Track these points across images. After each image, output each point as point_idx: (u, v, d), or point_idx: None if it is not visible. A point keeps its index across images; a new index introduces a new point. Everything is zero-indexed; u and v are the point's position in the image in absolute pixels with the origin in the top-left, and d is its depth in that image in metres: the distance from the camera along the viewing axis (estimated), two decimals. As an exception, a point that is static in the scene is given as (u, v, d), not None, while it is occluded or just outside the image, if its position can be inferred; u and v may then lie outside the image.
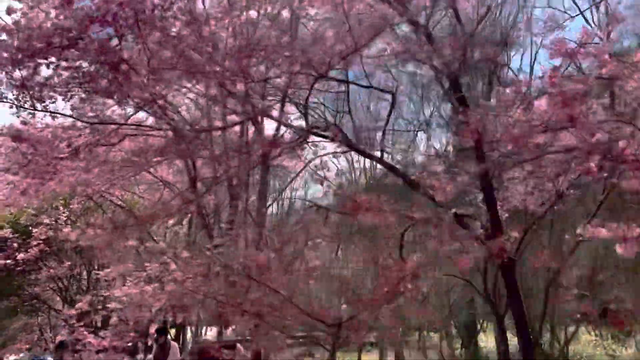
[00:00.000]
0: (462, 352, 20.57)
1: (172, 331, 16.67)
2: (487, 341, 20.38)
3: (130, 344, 12.58)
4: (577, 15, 9.47)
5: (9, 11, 5.93)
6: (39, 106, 5.64)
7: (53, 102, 5.66)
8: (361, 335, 3.86)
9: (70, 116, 6.04)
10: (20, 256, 14.43)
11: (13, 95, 5.53)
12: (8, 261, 14.71)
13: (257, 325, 3.75)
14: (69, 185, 8.44)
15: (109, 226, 10.55)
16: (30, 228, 14.83)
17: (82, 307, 11.90)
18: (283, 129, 10.56)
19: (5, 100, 5.53)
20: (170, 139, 7.29)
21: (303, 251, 4.77)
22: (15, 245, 14.91)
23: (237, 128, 11.16)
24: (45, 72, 6.22)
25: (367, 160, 16.38)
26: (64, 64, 5.95)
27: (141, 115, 10.25)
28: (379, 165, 17.83)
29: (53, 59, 5.88)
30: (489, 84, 7.36)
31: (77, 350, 12.05)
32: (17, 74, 5.56)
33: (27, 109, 5.60)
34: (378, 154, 7.57)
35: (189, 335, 21.08)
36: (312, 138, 7.98)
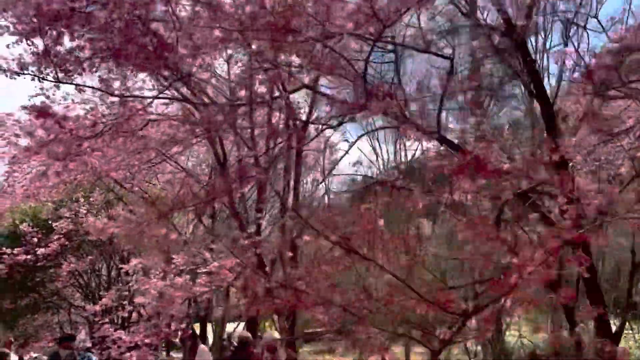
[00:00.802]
0: (487, 346, 19.71)
1: (197, 326, 16.19)
2: (511, 335, 19.48)
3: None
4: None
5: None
6: (62, 77, 5.02)
7: (79, 74, 5.04)
8: (489, 329, 3.21)
9: (98, 89, 5.42)
10: (41, 251, 13.97)
11: (35, 66, 4.91)
12: (28, 256, 14.28)
13: (358, 320, 3.08)
14: (91, 170, 7.88)
15: (135, 217, 10.05)
16: (50, 222, 14.35)
17: (106, 303, 11.41)
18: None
19: (27, 72, 4.92)
20: (201, 116, 6.67)
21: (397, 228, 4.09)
22: (35, 240, 14.46)
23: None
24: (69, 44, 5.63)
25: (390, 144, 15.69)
26: (87, 36, 5.35)
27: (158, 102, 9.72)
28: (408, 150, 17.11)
29: (77, 27, 5.26)
30: (565, 40, 6.58)
31: (106, 347, 11.57)
32: (38, 42, 4.95)
33: (50, 80, 4.99)
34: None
35: (209, 331, 20.60)
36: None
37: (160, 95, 5.73)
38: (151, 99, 5.94)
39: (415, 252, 3.18)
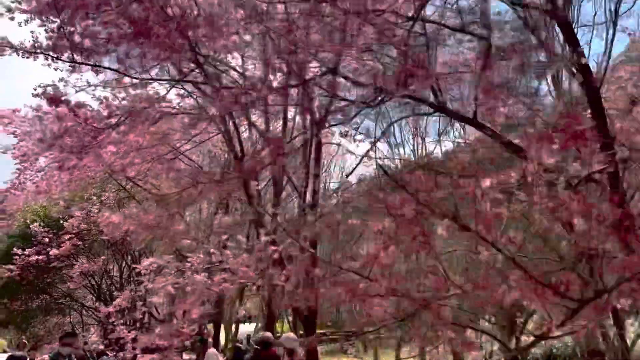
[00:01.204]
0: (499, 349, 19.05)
1: (210, 326, 15.87)
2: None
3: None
4: None
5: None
6: (78, 58, 4.68)
7: (95, 56, 4.68)
8: (599, 319, 2.80)
9: (116, 70, 5.07)
10: (53, 252, 13.70)
11: (49, 46, 4.57)
12: (39, 257, 14.04)
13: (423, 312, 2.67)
14: (106, 164, 7.56)
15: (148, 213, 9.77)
16: (62, 221, 14.09)
17: (120, 304, 11.11)
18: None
19: (40, 52, 4.58)
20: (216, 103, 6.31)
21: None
22: (46, 240, 14.21)
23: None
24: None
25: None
26: (103, 18, 5.02)
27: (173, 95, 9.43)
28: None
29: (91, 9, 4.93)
30: (614, 16, 6.09)
31: (119, 349, 11.26)
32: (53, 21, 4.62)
33: (65, 61, 4.64)
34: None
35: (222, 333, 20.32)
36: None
37: (181, 79, 5.36)
38: (172, 82, 5.51)
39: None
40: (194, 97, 9.70)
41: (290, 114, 11.50)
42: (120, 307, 11.70)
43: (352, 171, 10.47)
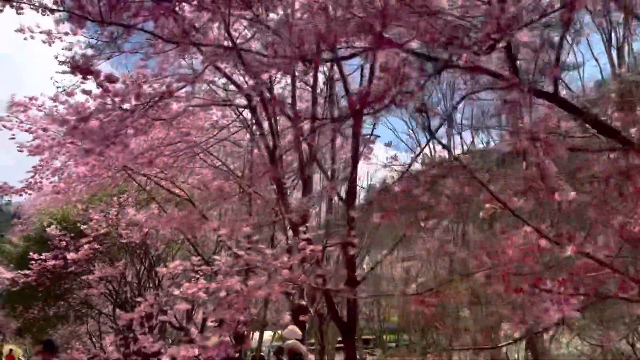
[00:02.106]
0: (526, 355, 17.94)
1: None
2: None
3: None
4: None
5: None
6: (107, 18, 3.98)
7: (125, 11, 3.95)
8: None
9: (151, 32, 4.36)
10: (71, 256, 13.02)
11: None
12: (56, 262, 13.40)
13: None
14: (131, 155, 6.93)
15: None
16: (79, 225, 13.43)
17: (144, 310, 10.37)
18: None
19: (63, 9, 3.88)
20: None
21: None
22: (63, 243, 13.56)
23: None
24: None
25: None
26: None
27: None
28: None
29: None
30: None
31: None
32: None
33: (92, 20, 3.93)
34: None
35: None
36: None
37: (226, 46, 4.63)
38: (226, 49, 4.68)
39: None
40: (217, 88, 9.11)
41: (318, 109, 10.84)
42: (145, 313, 10.97)
43: (418, 154, 9.68)
